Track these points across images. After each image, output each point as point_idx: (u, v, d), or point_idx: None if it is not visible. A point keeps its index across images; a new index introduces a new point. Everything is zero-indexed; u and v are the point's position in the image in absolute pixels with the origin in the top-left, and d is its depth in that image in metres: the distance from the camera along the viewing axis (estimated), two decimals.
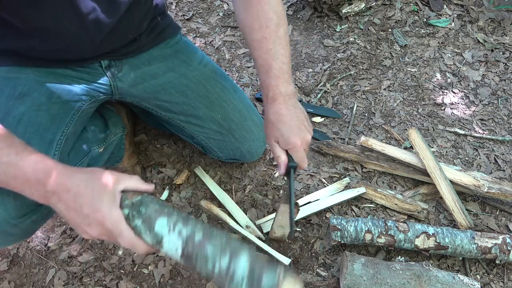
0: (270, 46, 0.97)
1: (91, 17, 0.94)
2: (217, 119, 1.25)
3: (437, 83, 1.77)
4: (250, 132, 1.30)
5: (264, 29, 0.97)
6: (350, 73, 1.82)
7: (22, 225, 0.90)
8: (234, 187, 1.45)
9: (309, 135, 0.98)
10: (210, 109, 1.24)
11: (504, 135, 1.59)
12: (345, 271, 1.13)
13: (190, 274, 1.27)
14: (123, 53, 1.14)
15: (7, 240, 0.97)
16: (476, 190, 1.31)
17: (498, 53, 1.87)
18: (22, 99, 0.96)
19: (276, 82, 0.97)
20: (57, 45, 0.99)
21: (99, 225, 0.70)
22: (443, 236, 1.19)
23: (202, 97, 1.24)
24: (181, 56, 1.24)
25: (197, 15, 2.14)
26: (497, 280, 1.22)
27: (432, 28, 1.99)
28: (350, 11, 2.02)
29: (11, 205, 0.85)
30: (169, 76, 1.22)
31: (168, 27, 1.23)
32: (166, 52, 1.22)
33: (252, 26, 0.98)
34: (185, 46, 1.28)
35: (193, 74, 1.23)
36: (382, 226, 1.21)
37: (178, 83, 1.22)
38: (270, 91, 0.98)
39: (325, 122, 1.65)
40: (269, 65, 0.97)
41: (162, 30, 1.21)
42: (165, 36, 1.22)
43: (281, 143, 0.97)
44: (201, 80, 1.24)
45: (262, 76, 0.99)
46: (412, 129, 1.43)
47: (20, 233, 0.94)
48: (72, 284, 1.26)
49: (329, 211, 1.37)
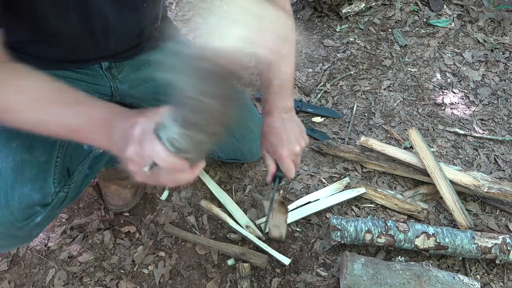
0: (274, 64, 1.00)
1: (100, 21, 0.94)
2: None
3: (437, 83, 1.77)
4: (251, 132, 1.31)
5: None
6: (350, 73, 1.82)
7: (26, 227, 0.91)
8: (234, 187, 1.45)
9: (297, 147, 1.00)
10: None
11: (504, 135, 1.59)
12: (345, 271, 1.13)
13: (190, 274, 1.27)
14: (124, 56, 1.14)
15: (11, 243, 0.97)
16: (476, 190, 1.31)
17: (498, 53, 1.87)
18: None
19: (274, 98, 1.02)
20: (61, 47, 0.99)
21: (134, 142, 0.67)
22: (443, 236, 1.19)
23: None
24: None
25: (197, 15, 2.14)
26: (497, 280, 1.22)
27: (432, 28, 1.99)
28: (350, 11, 2.02)
29: (16, 208, 0.86)
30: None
31: (169, 29, 1.24)
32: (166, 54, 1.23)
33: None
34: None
35: None
36: (382, 226, 1.21)
37: None
38: (267, 105, 1.03)
39: (325, 122, 1.65)
40: (269, 82, 1.01)
41: (161, 34, 1.22)
42: (164, 39, 1.23)
43: (271, 153, 1.02)
44: None
45: (262, 90, 1.04)
46: (412, 129, 1.43)
47: (24, 236, 0.95)
48: (72, 284, 1.26)
49: (329, 211, 1.37)
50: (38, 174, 0.90)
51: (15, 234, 0.91)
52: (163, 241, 1.33)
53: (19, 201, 0.85)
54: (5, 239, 0.92)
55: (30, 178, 0.88)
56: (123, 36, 1.03)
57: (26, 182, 0.87)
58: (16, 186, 0.85)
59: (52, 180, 0.93)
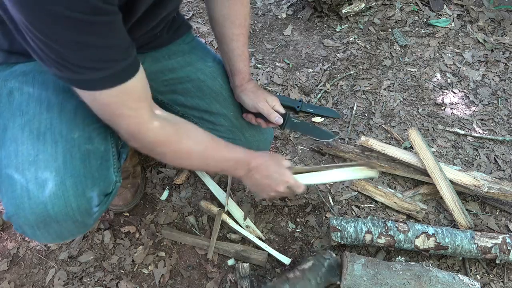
0: (246, 40, 1.19)
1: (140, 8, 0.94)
2: (229, 116, 1.29)
3: (437, 83, 1.77)
4: (259, 131, 1.34)
5: (242, 27, 1.18)
6: (350, 73, 1.82)
7: (95, 216, 0.96)
8: (234, 187, 1.45)
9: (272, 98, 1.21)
10: (223, 105, 1.28)
11: (504, 135, 1.59)
12: (345, 272, 1.13)
13: (190, 274, 1.27)
14: (146, 48, 1.16)
15: (79, 232, 1.01)
16: (476, 190, 1.31)
17: (498, 53, 1.87)
18: (69, 92, 0.94)
19: (248, 68, 1.21)
20: None
21: (284, 183, 1.07)
22: (443, 236, 1.19)
23: (217, 93, 1.27)
24: (197, 53, 1.28)
25: (197, 15, 2.14)
26: (497, 280, 1.22)
27: (432, 28, 1.99)
28: (350, 11, 2.02)
29: (90, 196, 0.91)
30: (187, 70, 1.25)
31: (183, 24, 1.26)
32: (184, 48, 1.25)
33: (234, 22, 1.17)
34: (199, 43, 1.32)
35: (209, 70, 1.27)
36: (382, 227, 1.21)
37: (195, 77, 1.26)
38: (247, 74, 1.21)
39: (325, 122, 1.65)
40: (245, 55, 1.19)
41: (179, 27, 1.24)
42: (181, 32, 1.26)
43: (269, 101, 1.18)
44: (216, 77, 1.28)
45: (238, 64, 1.19)
46: (412, 129, 1.43)
47: (90, 225, 0.99)
48: (72, 284, 1.26)
49: (329, 211, 1.37)
50: (101, 164, 0.95)
51: (86, 223, 0.95)
52: (163, 241, 1.33)
53: (91, 189, 0.91)
54: (79, 227, 0.95)
55: (96, 168, 0.93)
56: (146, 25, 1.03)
57: (94, 172, 0.92)
58: (88, 175, 0.90)
59: (112, 169, 0.98)
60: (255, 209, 1.39)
